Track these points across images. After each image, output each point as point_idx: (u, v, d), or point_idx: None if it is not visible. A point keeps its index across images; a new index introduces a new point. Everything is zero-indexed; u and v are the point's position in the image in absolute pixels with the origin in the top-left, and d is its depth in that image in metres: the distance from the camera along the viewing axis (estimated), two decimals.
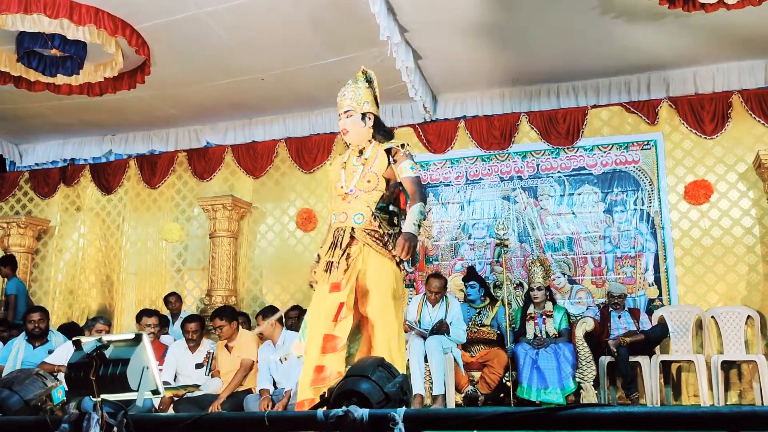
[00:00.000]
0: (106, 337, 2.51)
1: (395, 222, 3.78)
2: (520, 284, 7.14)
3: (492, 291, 7.00)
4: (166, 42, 6.33)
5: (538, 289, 6.51)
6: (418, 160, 7.90)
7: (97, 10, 5.60)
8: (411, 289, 7.70)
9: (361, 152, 3.83)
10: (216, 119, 8.56)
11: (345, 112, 3.84)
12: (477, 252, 7.59)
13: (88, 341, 2.50)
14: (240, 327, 6.09)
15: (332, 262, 3.62)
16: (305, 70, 7.04)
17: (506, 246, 6.90)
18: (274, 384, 5.68)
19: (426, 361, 5.80)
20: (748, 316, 6.55)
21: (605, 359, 6.28)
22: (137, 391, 2.41)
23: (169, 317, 7.62)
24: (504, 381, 6.20)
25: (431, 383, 5.72)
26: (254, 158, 8.57)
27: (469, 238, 7.64)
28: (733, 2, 5.28)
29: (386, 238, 3.67)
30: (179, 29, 6.10)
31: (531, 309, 6.55)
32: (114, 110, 8.02)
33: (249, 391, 5.74)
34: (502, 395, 6.28)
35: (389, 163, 3.78)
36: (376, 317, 3.61)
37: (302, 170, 8.37)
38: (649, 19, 5.99)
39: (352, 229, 3.67)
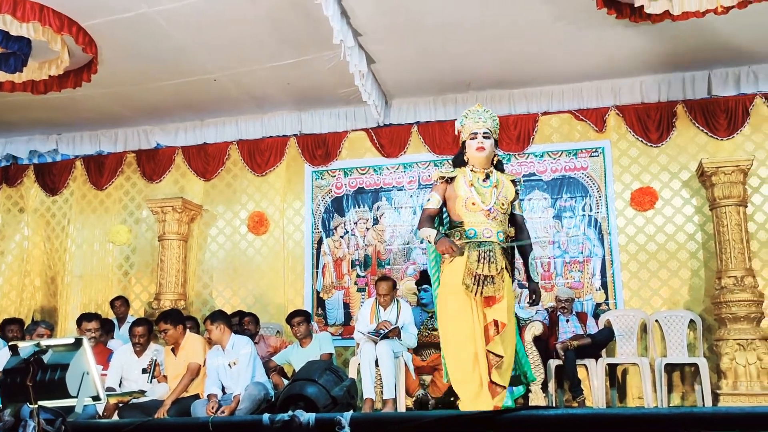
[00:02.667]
0: (44, 342, 2.44)
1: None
2: None
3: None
4: (115, 40, 6.20)
5: None
6: (369, 165, 7.99)
7: (42, 7, 5.44)
8: (363, 293, 7.71)
9: (487, 176, 4.11)
10: (166, 120, 8.41)
11: (484, 133, 4.12)
12: (430, 256, 7.60)
13: (26, 346, 2.42)
14: (188, 331, 5.99)
15: (485, 276, 3.87)
16: (258, 71, 6.98)
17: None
18: (223, 389, 5.60)
19: (377, 365, 5.80)
20: (691, 320, 6.74)
21: (553, 362, 6.37)
22: (77, 397, 2.35)
23: (115, 321, 7.45)
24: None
25: (382, 387, 5.72)
26: (205, 160, 8.46)
27: (422, 242, 7.67)
28: (677, 14, 5.43)
29: (511, 259, 4.10)
30: (129, 27, 5.98)
31: None
32: (60, 109, 7.81)
33: (197, 397, 5.64)
34: (452, 399, 6.29)
35: (515, 193, 4.19)
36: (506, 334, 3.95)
37: (254, 173, 8.30)
38: (599, 27, 6.12)
39: (498, 245, 3.97)
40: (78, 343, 2.44)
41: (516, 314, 6.58)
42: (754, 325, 6.31)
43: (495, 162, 4.22)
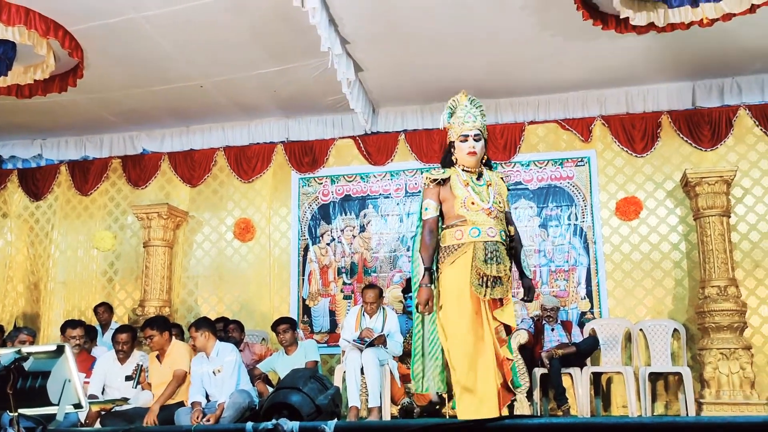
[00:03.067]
0: (25, 349, 2.41)
1: None
2: None
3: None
4: (102, 45, 6.17)
5: None
6: (356, 172, 8.00)
7: (27, 11, 5.41)
8: (349, 300, 7.69)
9: (480, 176, 3.97)
10: (153, 126, 8.37)
11: (475, 135, 3.95)
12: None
13: (6, 353, 2.40)
14: (173, 338, 5.95)
15: (492, 276, 3.70)
16: (245, 78, 6.97)
17: None
18: (207, 397, 5.56)
19: (362, 373, 5.78)
20: (675, 329, 6.78)
21: (539, 371, 6.39)
22: (58, 404, 2.33)
23: (99, 328, 7.39)
24: (439, 393, 6.21)
25: (367, 395, 5.71)
26: (192, 166, 8.43)
27: (408, 250, 7.68)
28: (662, 25, 5.49)
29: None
30: (115, 33, 5.95)
31: None
32: (45, 113, 7.75)
33: (181, 404, 5.60)
34: (438, 407, 6.30)
35: (507, 191, 4.09)
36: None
37: (241, 180, 8.28)
38: (585, 38, 6.17)
39: (502, 245, 3.83)
40: (60, 350, 2.42)
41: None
42: (737, 335, 6.36)
43: (484, 161, 4.05)
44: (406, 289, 6.82)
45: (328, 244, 7.91)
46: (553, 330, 6.61)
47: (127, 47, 6.24)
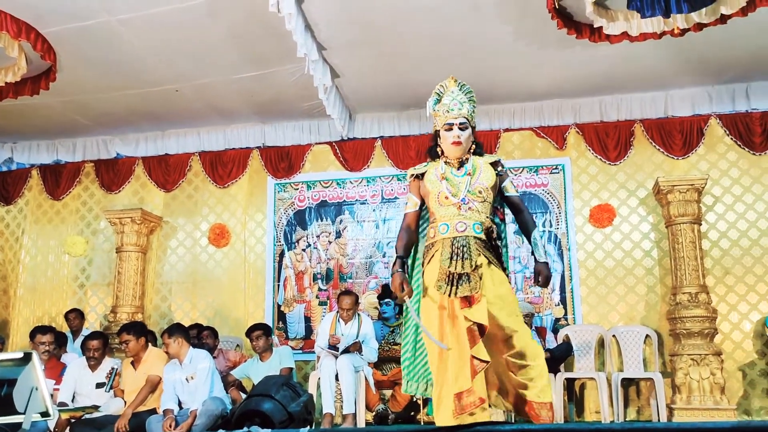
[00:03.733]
0: None
1: (500, 234, 3.76)
2: None
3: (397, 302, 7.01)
4: (75, 48, 6.10)
5: None
6: (333, 178, 7.99)
7: None
8: (324, 306, 7.67)
9: (461, 164, 3.72)
10: (127, 130, 8.28)
11: (461, 124, 3.71)
12: (391, 270, 7.62)
13: None
14: (148, 344, 5.88)
15: (459, 274, 3.46)
16: (221, 82, 6.94)
17: None
18: (180, 404, 5.50)
19: (337, 379, 5.76)
20: (647, 335, 6.85)
21: None
22: (24, 413, 2.28)
23: (69, 335, 7.28)
24: (414, 399, 6.22)
25: (342, 402, 5.69)
26: (166, 171, 8.35)
27: (384, 256, 7.68)
28: (635, 35, 5.57)
29: (500, 250, 3.67)
30: (89, 35, 5.88)
31: None
32: (16, 117, 7.63)
33: (153, 411, 5.53)
34: (412, 413, 6.29)
35: (496, 177, 3.76)
36: (512, 326, 3.48)
37: (216, 185, 8.22)
38: (560, 47, 6.23)
39: (475, 239, 3.56)
40: (27, 358, 2.38)
41: None
42: (707, 341, 6.43)
43: (473, 149, 3.80)
44: (382, 296, 6.81)
45: (303, 250, 7.88)
46: None
47: (101, 50, 6.18)
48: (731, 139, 7.21)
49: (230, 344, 7.30)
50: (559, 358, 6.54)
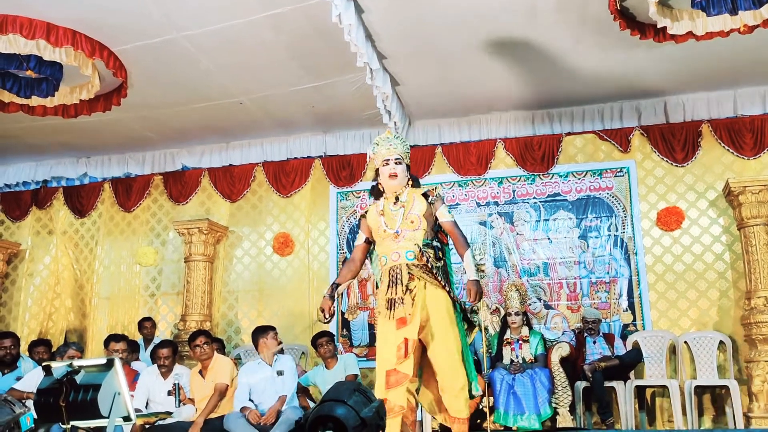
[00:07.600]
0: (77, 362, 2.47)
1: (440, 255, 4.21)
2: (497, 309, 7.16)
3: (469, 316, 6.98)
4: (144, 65, 6.32)
5: (516, 314, 6.52)
6: None
7: (74, 32, 5.57)
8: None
9: (397, 199, 4.22)
10: (193, 142, 8.53)
11: (395, 159, 4.23)
12: (454, 277, 7.59)
13: (59, 367, 2.46)
14: (215, 352, 6.02)
15: (394, 299, 4.00)
16: (283, 94, 7.06)
17: (482, 271, 6.91)
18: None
19: None
20: (720, 342, 6.63)
21: (581, 384, 6.30)
22: (108, 417, 2.38)
23: (141, 343, 7.51)
24: (480, 407, 6.17)
25: None
26: (231, 182, 8.55)
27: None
28: (701, 34, 5.42)
29: (435, 271, 4.08)
30: (158, 52, 6.09)
31: (508, 334, 6.56)
32: (89, 132, 7.96)
33: (224, 418, 5.65)
34: (478, 421, 6.25)
35: (428, 205, 4.19)
36: (438, 337, 4.03)
37: (279, 194, 8.37)
38: (622, 48, 6.12)
39: (407, 265, 4.05)
40: (110, 364, 2.47)
41: (541, 335, 6.56)
42: None
43: (410, 183, 4.30)
44: None
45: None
46: (595, 342, 6.53)
47: (168, 66, 6.39)
48: None
49: (296, 352, 7.40)
50: (628, 365, 6.40)
